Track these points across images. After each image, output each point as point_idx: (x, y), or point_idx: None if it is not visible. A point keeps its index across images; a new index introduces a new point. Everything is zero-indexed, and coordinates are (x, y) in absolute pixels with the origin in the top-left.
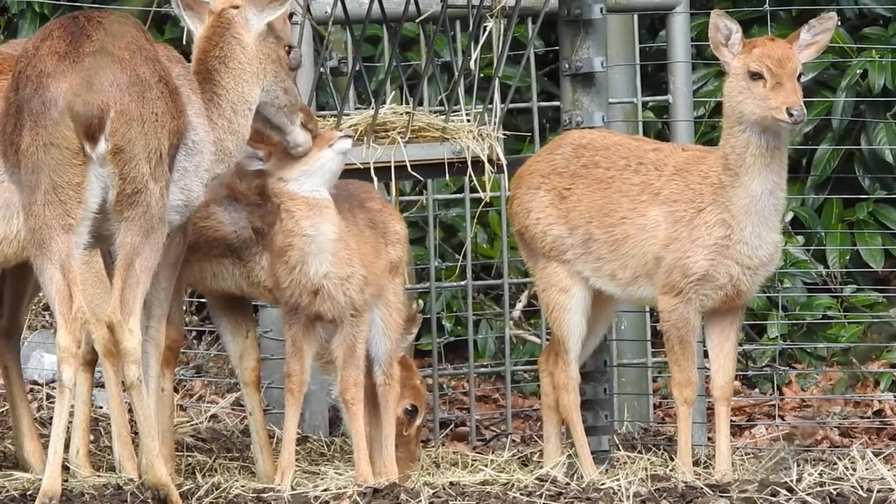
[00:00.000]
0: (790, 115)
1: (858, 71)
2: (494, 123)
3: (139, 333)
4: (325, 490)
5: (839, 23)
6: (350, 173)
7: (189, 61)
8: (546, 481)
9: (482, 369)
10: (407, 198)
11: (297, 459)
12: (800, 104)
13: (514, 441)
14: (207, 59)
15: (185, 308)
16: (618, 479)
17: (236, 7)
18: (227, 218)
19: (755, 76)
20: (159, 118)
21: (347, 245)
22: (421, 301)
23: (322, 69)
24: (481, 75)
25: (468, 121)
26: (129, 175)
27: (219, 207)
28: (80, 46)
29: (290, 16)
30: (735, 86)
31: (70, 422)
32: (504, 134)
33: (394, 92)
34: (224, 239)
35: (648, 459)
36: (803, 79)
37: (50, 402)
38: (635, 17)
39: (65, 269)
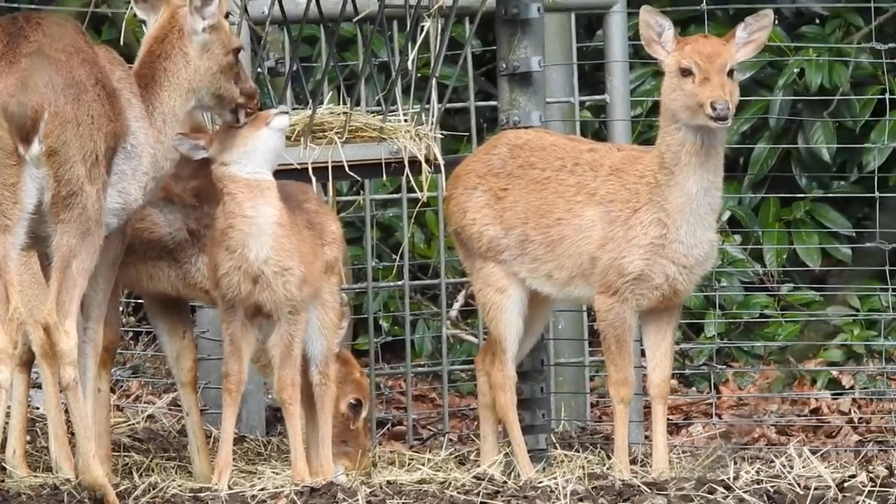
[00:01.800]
0: (713, 108)
1: (795, 70)
2: (432, 123)
3: (75, 335)
4: (262, 489)
5: (776, 21)
6: (288, 174)
7: (128, 62)
8: (483, 480)
9: (419, 369)
10: (344, 198)
11: (234, 459)
12: (724, 98)
13: (451, 440)
14: (153, 64)
15: (121, 309)
16: (555, 478)
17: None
18: (163, 220)
19: (685, 72)
20: (95, 120)
21: (289, 238)
22: (345, 296)
23: (259, 69)
24: (419, 75)
25: (405, 121)
26: (63, 177)
27: (154, 209)
28: (17, 47)
29: (227, 15)
30: (668, 83)
31: (7, 422)
32: (441, 134)
33: (331, 92)
34: (159, 240)
35: (585, 458)
36: (739, 76)
37: None
38: (573, 16)
39: (1, 269)
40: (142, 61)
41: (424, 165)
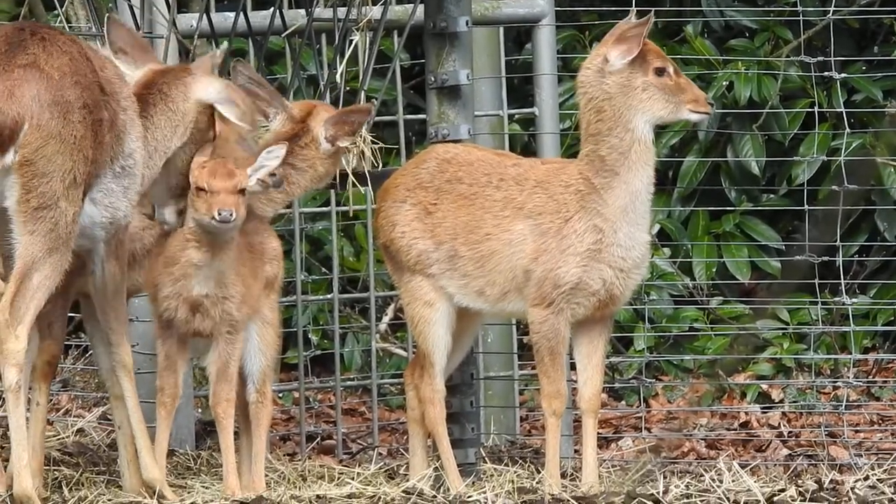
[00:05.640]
0: (709, 104)
1: (725, 83)
2: (361, 136)
3: (25, 341)
4: (192, 503)
5: (706, 34)
6: None
7: None
8: (412, 494)
9: (348, 382)
10: None
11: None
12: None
13: (380, 454)
14: (154, 88)
15: None
16: (484, 492)
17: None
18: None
19: (660, 71)
20: (78, 142)
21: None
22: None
23: None
24: (347, 88)
25: None
26: (37, 189)
27: None
28: (14, 57)
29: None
30: (630, 84)
31: None
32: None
33: None
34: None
35: (515, 472)
36: None
37: None
38: (501, 29)
39: None
40: (143, 84)
41: (352, 178)
